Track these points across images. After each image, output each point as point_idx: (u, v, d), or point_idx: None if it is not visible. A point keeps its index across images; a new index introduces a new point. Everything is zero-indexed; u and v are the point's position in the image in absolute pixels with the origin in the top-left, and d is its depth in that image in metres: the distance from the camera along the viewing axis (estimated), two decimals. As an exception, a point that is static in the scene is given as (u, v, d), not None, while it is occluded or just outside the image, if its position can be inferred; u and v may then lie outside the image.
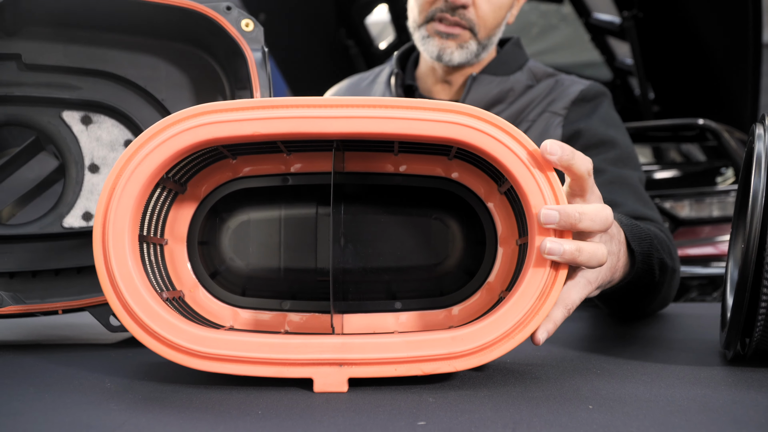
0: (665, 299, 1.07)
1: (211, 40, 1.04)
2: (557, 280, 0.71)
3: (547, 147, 0.69)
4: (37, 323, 1.20)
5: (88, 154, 1.04)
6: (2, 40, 1.01)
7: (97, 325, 1.11)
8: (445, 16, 1.39)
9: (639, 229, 0.91)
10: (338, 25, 2.99)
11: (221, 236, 0.84)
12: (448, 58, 1.41)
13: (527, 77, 1.48)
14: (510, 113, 1.44)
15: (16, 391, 0.71)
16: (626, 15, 2.69)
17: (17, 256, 1.01)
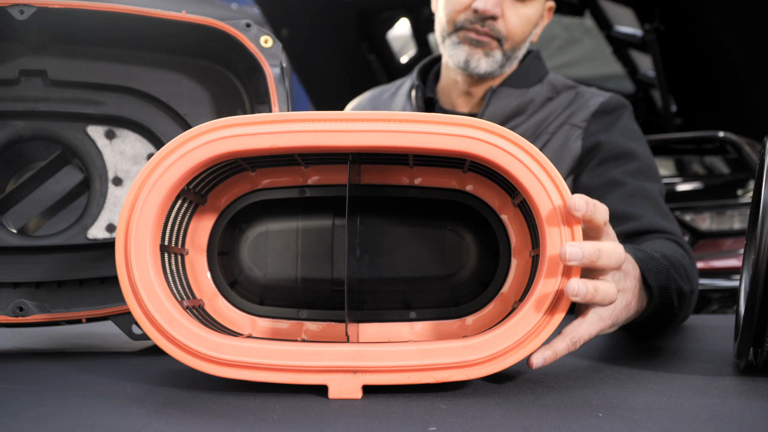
0: (684, 319, 1.08)
1: (231, 57, 1.06)
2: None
3: (574, 204, 0.72)
4: (62, 332, 1.22)
5: (111, 168, 1.07)
6: (29, 57, 1.04)
7: (121, 334, 1.13)
8: (474, 27, 1.41)
9: (655, 262, 0.91)
10: (360, 39, 3.02)
11: (240, 246, 0.87)
12: (475, 65, 1.43)
13: (547, 89, 1.49)
14: (529, 126, 1.45)
15: (40, 396, 0.74)
16: (648, 28, 2.69)
17: (43, 266, 1.04)
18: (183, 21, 1.01)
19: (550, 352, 0.76)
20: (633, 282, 0.86)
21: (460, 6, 1.41)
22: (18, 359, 0.96)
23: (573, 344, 0.78)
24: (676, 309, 0.93)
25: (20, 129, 1.05)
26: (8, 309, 0.94)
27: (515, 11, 1.41)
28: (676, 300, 0.92)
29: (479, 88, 1.49)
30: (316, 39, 3.13)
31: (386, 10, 2.93)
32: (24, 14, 0.95)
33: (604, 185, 1.35)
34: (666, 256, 0.98)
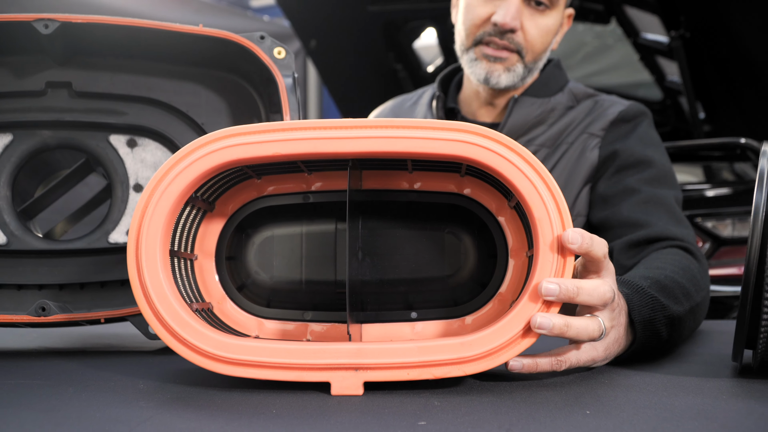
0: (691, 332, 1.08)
1: (247, 68, 1.10)
2: (560, 289, 0.75)
3: (568, 237, 0.75)
4: (84, 333, 1.27)
5: (132, 175, 1.11)
6: (54, 70, 1.09)
7: (139, 334, 1.17)
8: (493, 40, 1.41)
9: (640, 294, 0.92)
10: (387, 49, 3.06)
11: (247, 251, 0.90)
12: (495, 81, 1.44)
13: (568, 98, 1.50)
14: (550, 135, 1.46)
15: (56, 390, 0.78)
16: (673, 35, 2.69)
17: (66, 269, 1.09)
18: (201, 34, 1.05)
19: (530, 360, 0.79)
20: (624, 317, 0.88)
21: (479, 19, 1.42)
22: (40, 357, 1.00)
23: (557, 363, 0.80)
24: (665, 337, 0.94)
25: (46, 138, 1.10)
26: (31, 309, 0.98)
27: (534, 22, 1.41)
28: (664, 329, 0.93)
29: (501, 99, 1.50)
30: (344, 49, 3.17)
31: (413, 20, 2.97)
32: (48, 28, 1.00)
33: (620, 193, 1.36)
34: (657, 282, 0.98)
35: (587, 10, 2.89)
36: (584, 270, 0.82)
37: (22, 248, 1.08)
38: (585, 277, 0.81)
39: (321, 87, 4.94)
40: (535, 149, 1.45)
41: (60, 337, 1.21)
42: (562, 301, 0.76)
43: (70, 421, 0.66)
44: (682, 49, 2.70)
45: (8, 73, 1.09)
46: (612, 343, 0.86)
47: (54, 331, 1.26)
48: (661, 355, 0.98)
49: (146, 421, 0.66)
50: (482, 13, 1.42)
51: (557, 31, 1.45)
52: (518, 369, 0.78)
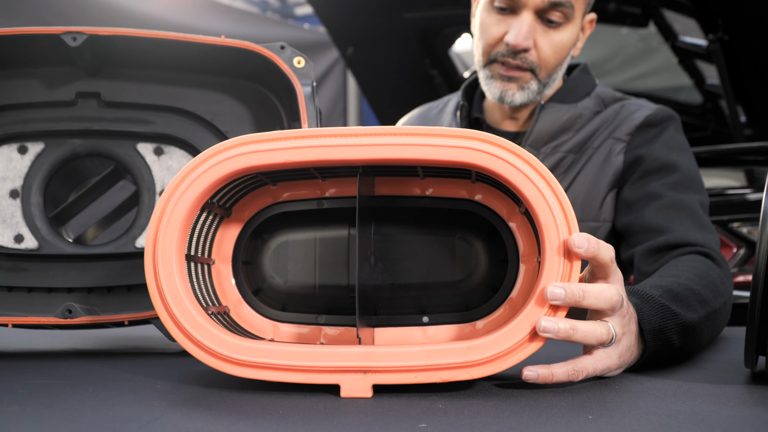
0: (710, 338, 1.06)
1: (269, 77, 1.13)
2: (565, 296, 0.75)
3: (575, 241, 0.76)
4: (112, 334, 1.31)
5: (159, 182, 1.14)
6: (84, 80, 1.13)
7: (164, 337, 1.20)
8: (506, 60, 1.41)
9: (650, 304, 0.91)
10: (423, 55, 3.07)
11: (263, 256, 0.92)
12: (510, 100, 1.44)
13: (595, 103, 1.49)
14: (576, 141, 1.45)
15: (75, 390, 0.81)
16: (712, 38, 2.65)
17: (95, 273, 1.12)
18: (224, 45, 1.08)
19: (546, 370, 0.79)
20: (635, 325, 0.88)
21: (493, 39, 1.41)
22: (66, 358, 1.04)
23: (573, 372, 0.80)
24: (678, 345, 0.93)
25: (77, 146, 1.14)
26: (58, 311, 1.02)
27: (548, 39, 1.39)
28: (676, 338, 0.92)
29: (523, 111, 1.50)
30: (381, 56, 3.20)
31: (448, 26, 2.98)
32: (77, 41, 1.04)
33: (643, 198, 1.36)
34: (669, 290, 0.97)
35: (625, 14, 2.87)
36: (592, 276, 0.82)
37: (53, 253, 1.12)
38: (592, 282, 0.81)
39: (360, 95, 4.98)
40: (562, 156, 1.45)
41: (88, 339, 1.25)
42: (568, 305, 0.77)
43: (84, 419, 0.69)
44: (720, 52, 2.67)
45: (40, 84, 1.13)
46: (625, 350, 0.86)
47: (83, 333, 1.30)
48: (678, 362, 0.98)
49: (156, 420, 0.68)
50: (496, 33, 1.41)
51: (574, 43, 1.44)
52: (533, 379, 0.79)
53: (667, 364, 0.95)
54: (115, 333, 1.33)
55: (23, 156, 1.14)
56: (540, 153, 1.45)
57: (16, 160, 1.14)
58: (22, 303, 1.11)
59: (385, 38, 3.13)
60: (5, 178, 1.13)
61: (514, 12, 1.39)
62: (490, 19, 1.42)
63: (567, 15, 1.39)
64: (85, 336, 1.28)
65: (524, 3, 1.37)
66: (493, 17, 1.41)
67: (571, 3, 1.37)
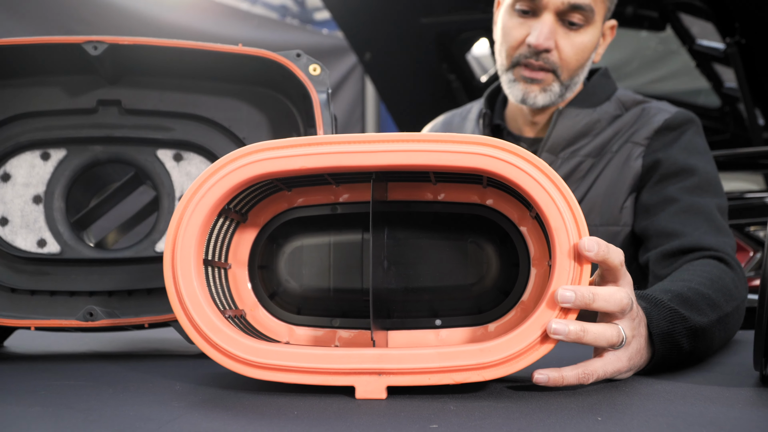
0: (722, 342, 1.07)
1: (285, 84, 1.15)
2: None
3: (585, 245, 0.77)
4: (133, 337, 1.33)
5: (178, 187, 1.17)
6: (105, 88, 1.16)
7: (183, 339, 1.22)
8: (529, 62, 1.43)
9: (659, 307, 0.92)
10: (440, 60, 3.08)
11: (278, 260, 0.94)
12: (532, 102, 1.46)
13: (615, 107, 1.50)
14: (595, 145, 1.46)
15: (95, 391, 0.83)
16: (729, 41, 2.65)
17: (116, 276, 1.15)
18: (242, 53, 1.10)
19: (556, 374, 0.80)
20: (644, 329, 0.88)
21: (515, 42, 1.44)
22: (87, 360, 1.06)
23: (584, 375, 0.81)
24: (688, 348, 0.94)
25: (98, 153, 1.17)
26: (80, 314, 1.04)
27: (569, 41, 1.42)
28: (685, 341, 0.92)
29: (543, 116, 1.51)
30: (398, 61, 3.21)
31: (465, 31, 2.99)
32: (97, 50, 1.07)
33: (660, 202, 1.36)
34: (678, 294, 0.98)
35: (642, 17, 2.87)
36: (602, 279, 0.83)
37: (75, 257, 1.14)
38: (602, 286, 0.82)
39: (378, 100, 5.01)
40: (580, 160, 1.46)
41: (108, 342, 1.28)
42: (578, 308, 0.78)
43: (104, 418, 0.71)
44: (738, 56, 2.66)
45: (62, 92, 1.16)
46: (635, 353, 0.86)
47: (103, 336, 1.32)
48: (689, 366, 0.98)
49: (175, 420, 0.70)
50: (518, 36, 1.43)
51: (595, 46, 1.45)
52: (543, 382, 0.80)
53: (677, 368, 0.96)
54: (134, 336, 1.36)
55: (46, 162, 1.16)
56: (558, 158, 1.46)
57: (39, 167, 1.16)
58: (45, 306, 1.14)
59: (403, 43, 3.14)
60: (28, 184, 1.16)
61: (535, 14, 1.42)
62: (512, 23, 1.44)
63: (587, 18, 1.41)
64: (105, 339, 1.31)
65: (545, 5, 1.40)
66: (515, 20, 1.44)
67: (590, 6, 1.40)
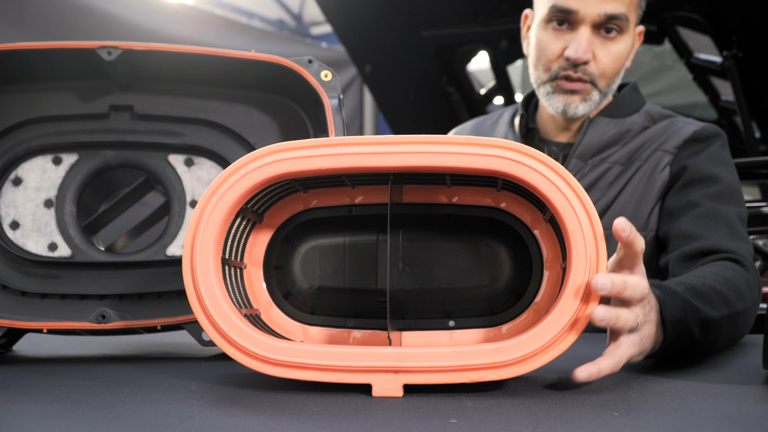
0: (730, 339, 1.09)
1: (296, 90, 1.16)
2: (591, 300, 0.78)
3: (620, 225, 0.80)
4: (143, 341, 1.34)
5: (189, 192, 1.18)
6: (117, 94, 1.17)
7: (195, 342, 1.23)
8: (568, 74, 1.45)
9: (672, 297, 0.95)
10: (440, 73, 3.11)
11: (293, 261, 0.95)
12: (573, 112, 1.48)
13: (644, 119, 1.53)
14: (624, 153, 1.49)
15: (112, 391, 0.84)
16: (726, 54, 2.68)
17: (126, 280, 1.15)
18: (253, 59, 1.11)
19: (595, 368, 0.81)
20: (655, 315, 0.90)
21: (553, 55, 1.46)
22: (100, 362, 1.07)
23: (617, 364, 0.83)
24: (699, 338, 0.96)
25: (110, 158, 1.17)
26: (92, 317, 1.05)
27: (606, 51, 1.44)
28: (696, 330, 0.95)
29: (576, 123, 1.54)
30: (398, 74, 3.23)
31: (465, 44, 3.02)
32: (111, 55, 1.08)
33: (683, 207, 1.39)
34: (692, 287, 1.00)
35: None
36: (618, 266, 0.84)
37: (86, 260, 1.15)
38: (619, 272, 0.84)
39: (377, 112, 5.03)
40: (609, 166, 1.48)
41: (118, 345, 1.28)
42: (611, 296, 0.80)
43: (124, 416, 0.71)
44: (735, 69, 2.69)
45: (74, 97, 1.17)
46: (646, 337, 0.88)
47: (114, 339, 1.33)
48: (695, 358, 1.00)
49: (195, 416, 0.71)
50: (555, 49, 1.46)
51: (629, 53, 1.48)
52: (585, 378, 0.81)
53: (685, 358, 0.97)
54: (145, 339, 1.36)
55: (57, 167, 1.17)
56: (587, 164, 1.49)
57: (50, 171, 1.17)
58: (55, 310, 1.14)
59: (403, 56, 3.16)
60: (40, 188, 1.16)
61: (571, 27, 1.44)
62: (548, 37, 1.47)
63: (622, 27, 1.44)
64: (116, 342, 1.31)
65: (582, 18, 1.42)
66: (551, 34, 1.46)
67: (626, 15, 1.43)
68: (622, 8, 1.43)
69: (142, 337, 1.35)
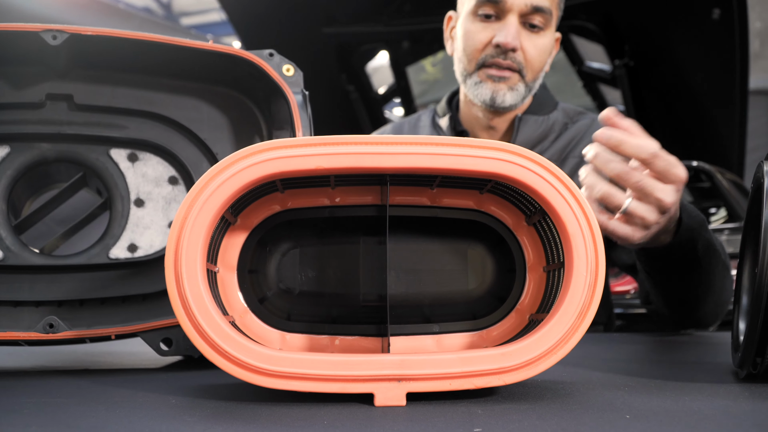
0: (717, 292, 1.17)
1: (251, 84, 1.11)
2: (593, 300, 0.78)
3: None
4: (71, 351, 1.24)
5: (134, 190, 1.10)
6: (54, 81, 1.07)
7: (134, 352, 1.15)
8: (497, 61, 1.49)
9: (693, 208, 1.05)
10: (340, 70, 3.09)
11: (269, 265, 0.90)
12: (501, 100, 1.51)
13: (563, 116, 1.61)
14: (555, 150, 1.56)
15: (87, 408, 0.76)
16: (618, 63, 2.81)
17: (65, 285, 1.06)
18: (209, 50, 1.05)
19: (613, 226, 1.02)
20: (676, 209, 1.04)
21: (480, 44, 1.50)
22: (44, 376, 0.97)
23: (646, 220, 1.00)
24: (701, 254, 1.05)
25: (45, 151, 1.08)
26: (39, 326, 0.96)
27: (532, 43, 1.50)
28: (701, 246, 1.04)
29: (501, 121, 1.57)
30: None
31: (366, 43, 3.01)
32: (57, 39, 0.99)
33: None
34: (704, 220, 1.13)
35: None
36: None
37: (19, 264, 1.05)
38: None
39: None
40: None
41: (50, 357, 1.18)
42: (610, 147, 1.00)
43: (124, 436, 0.65)
44: (625, 77, 2.83)
45: (6, 84, 1.06)
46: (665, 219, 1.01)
47: (42, 350, 1.22)
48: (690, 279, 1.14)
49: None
50: (483, 38, 1.50)
51: (551, 50, 1.54)
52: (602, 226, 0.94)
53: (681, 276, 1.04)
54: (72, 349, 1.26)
55: (-16, 160, 1.07)
56: None
57: (-24, 165, 1.06)
58: (-18, 319, 1.03)
59: (303, 51, 3.12)
60: (-36, 184, 1.05)
61: (498, 18, 1.49)
62: (476, 27, 1.51)
63: (546, 20, 1.50)
64: (44, 353, 1.21)
65: (509, 8, 1.47)
66: (478, 25, 1.51)
67: (550, 9, 1.49)
68: (547, 2, 1.49)
69: (68, 347, 1.25)
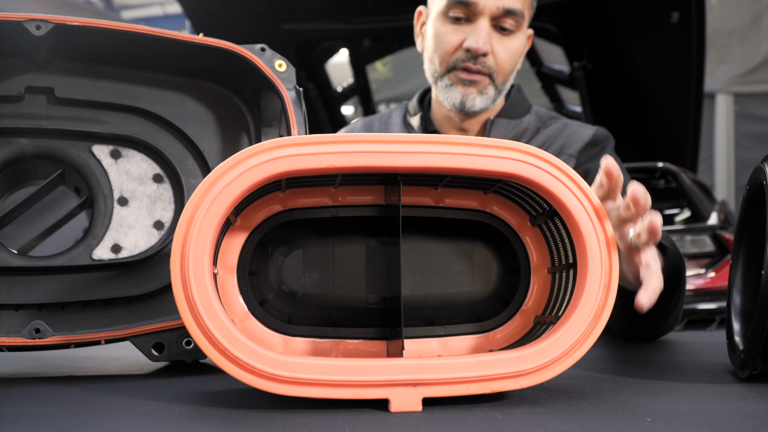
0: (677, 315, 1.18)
1: (240, 80, 1.07)
2: (608, 302, 0.78)
3: None
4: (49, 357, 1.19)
5: (117, 188, 1.05)
6: (34, 74, 1.02)
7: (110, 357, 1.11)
8: (467, 65, 1.47)
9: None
10: (299, 67, 3.05)
11: (270, 266, 0.87)
12: (471, 104, 1.49)
13: (536, 120, 1.59)
14: None
15: (87, 418, 0.72)
16: (576, 65, 2.84)
17: (46, 287, 1.01)
18: (200, 44, 1.02)
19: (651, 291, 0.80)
20: None
21: (451, 47, 1.47)
22: (29, 384, 0.92)
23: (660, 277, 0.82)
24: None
25: (23, 146, 1.03)
26: (25, 331, 0.91)
27: (503, 46, 1.47)
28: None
29: (473, 123, 1.55)
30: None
31: (327, 40, 2.98)
32: (41, 30, 0.94)
33: None
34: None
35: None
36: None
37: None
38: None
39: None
40: None
41: (28, 363, 1.12)
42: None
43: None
44: (583, 79, 2.86)
45: (-18, 76, 1.01)
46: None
47: (16, 356, 1.16)
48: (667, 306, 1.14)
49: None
50: (454, 41, 1.47)
51: (522, 52, 1.52)
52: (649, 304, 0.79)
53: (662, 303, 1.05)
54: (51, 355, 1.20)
55: (-42, 156, 1.01)
56: None
57: (-50, 160, 1.01)
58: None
59: (262, 48, 3.08)
60: (-65, 181, 1.00)
61: (469, 21, 1.46)
62: (446, 29, 1.47)
63: (518, 23, 1.47)
64: (15, 359, 1.15)
65: (481, 11, 1.44)
66: (449, 27, 1.47)
67: (522, 11, 1.46)
68: (519, 4, 1.47)
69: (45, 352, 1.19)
